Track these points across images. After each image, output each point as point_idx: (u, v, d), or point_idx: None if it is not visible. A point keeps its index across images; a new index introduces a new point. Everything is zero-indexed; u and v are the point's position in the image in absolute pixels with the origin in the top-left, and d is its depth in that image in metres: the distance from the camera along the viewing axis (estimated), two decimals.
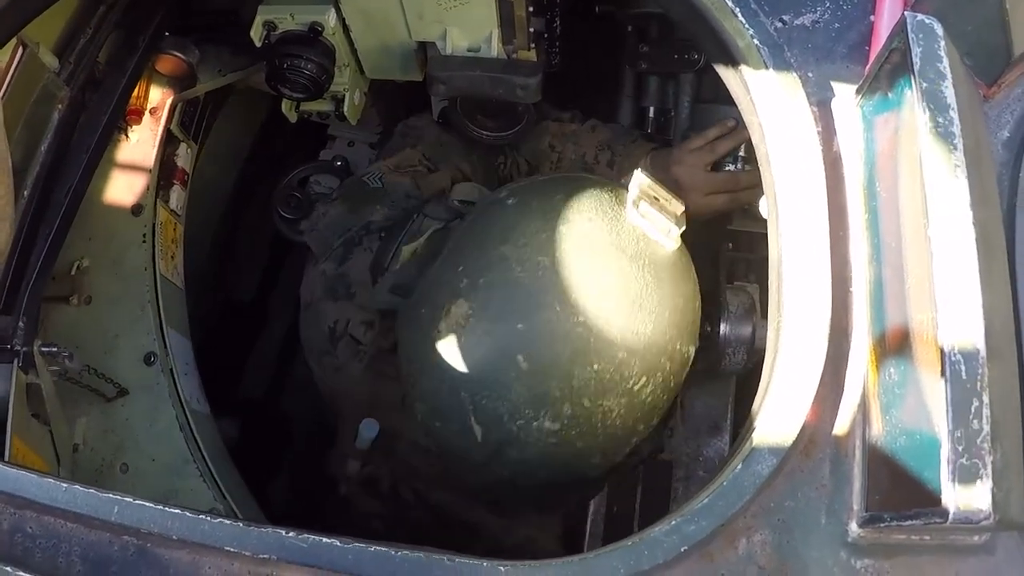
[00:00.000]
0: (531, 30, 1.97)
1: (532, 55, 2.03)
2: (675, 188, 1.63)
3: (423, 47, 2.06)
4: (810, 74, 1.43)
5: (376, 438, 1.81)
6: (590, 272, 1.44)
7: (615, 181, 1.71)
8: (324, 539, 1.17)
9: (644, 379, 1.45)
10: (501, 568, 1.12)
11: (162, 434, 2.15)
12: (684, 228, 1.50)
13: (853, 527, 1.20)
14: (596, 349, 1.41)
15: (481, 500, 1.83)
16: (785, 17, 1.48)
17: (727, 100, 1.68)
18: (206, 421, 2.27)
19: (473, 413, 1.49)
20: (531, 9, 1.93)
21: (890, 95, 1.28)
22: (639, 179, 1.49)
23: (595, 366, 1.42)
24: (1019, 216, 1.36)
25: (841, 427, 1.23)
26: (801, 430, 1.22)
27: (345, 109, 2.13)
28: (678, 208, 1.50)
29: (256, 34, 2.02)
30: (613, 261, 1.45)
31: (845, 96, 1.40)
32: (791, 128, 1.37)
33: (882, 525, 1.15)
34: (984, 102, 1.46)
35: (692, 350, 1.54)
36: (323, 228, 2.01)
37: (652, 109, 2.36)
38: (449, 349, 1.50)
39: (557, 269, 1.44)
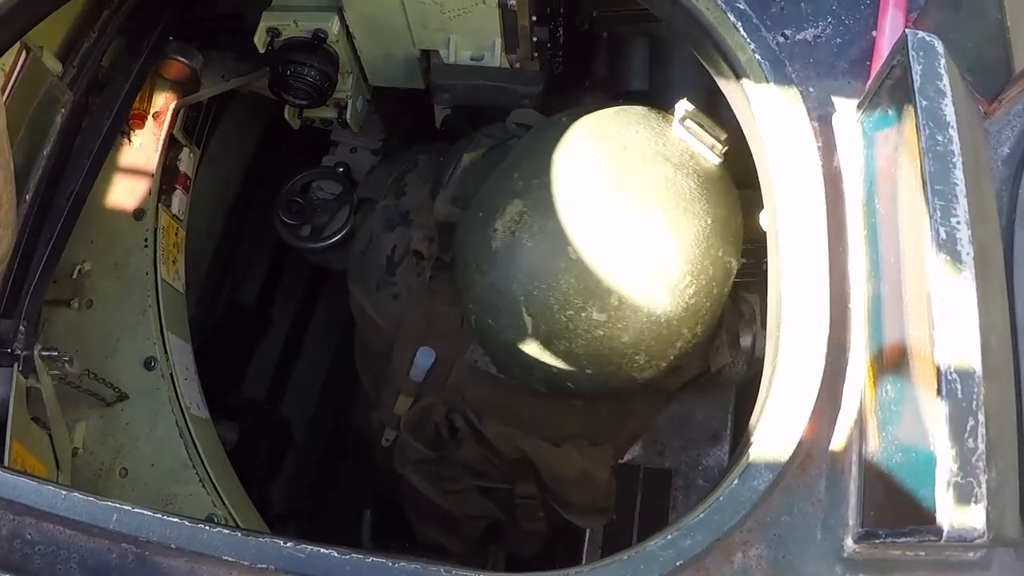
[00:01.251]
0: (534, 39, 1.98)
1: (535, 64, 2.04)
2: None
3: (426, 55, 2.07)
4: (811, 89, 1.43)
5: (432, 367, 1.89)
6: (638, 174, 1.55)
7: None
8: (322, 549, 1.18)
9: (689, 278, 1.54)
10: None
11: (162, 439, 2.16)
12: (727, 148, 1.60)
13: (849, 543, 1.21)
14: (641, 245, 1.52)
15: (532, 428, 1.89)
16: (787, 32, 1.49)
17: None
18: (206, 426, 2.28)
19: (525, 305, 1.59)
20: (534, 18, 1.94)
21: (890, 112, 1.29)
22: (684, 104, 1.60)
23: (640, 258, 1.52)
24: (1018, 232, 1.36)
25: (838, 443, 1.24)
26: (798, 445, 1.22)
27: (348, 116, 2.14)
28: (721, 134, 1.60)
29: (260, 40, 2.04)
30: (659, 166, 1.56)
31: (846, 112, 1.41)
32: (791, 143, 1.38)
33: (877, 541, 1.16)
34: (984, 118, 1.47)
35: (734, 263, 1.62)
36: (372, 180, 2.16)
37: None
38: (504, 245, 1.60)
39: (604, 173, 1.56)
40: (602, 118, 1.67)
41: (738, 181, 1.67)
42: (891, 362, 1.21)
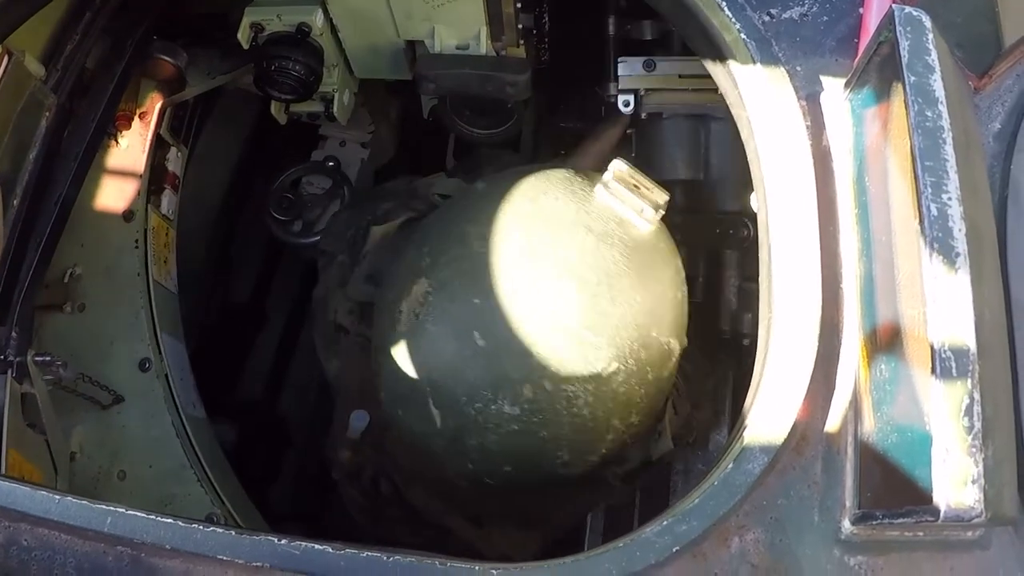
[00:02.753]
0: (520, 26, 1.97)
1: (521, 51, 2.03)
2: None
3: (412, 46, 2.05)
4: (798, 68, 1.42)
5: (367, 429, 1.81)
6: (552, 248, 1.40)
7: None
8: (316, 546, 1.17)
9: (615, 365, 1.39)
10: (493, 571, 1.13)
11: (159, 440, 2.16)
12: (662, 213, 1.46)
13: (846, 524, 1.20)
14: (557, 326, 1.37)
15: (456, 505, 1.80)
16: (773, 11, 1.47)
17: None
18: (202, 426, 2.27)
19: (431, 396, 1.46)
20: (519, 5, 1.92)
21: (879, 89, 1.27)
22: (616, 164, 1.47)
23: (556, 345, 1.38)
24: (1011, 208, 1.35)
25: (833, 424, 1.23)
26: (792, 428, 1.22)
27: (335, 109, 2.13)
28: (660, 196, 1.47)
29: (243, 36, 2.02)
30: (578, 238, 1.41)
31: (834, 90, 1.39)
32: (779, 123, 1.36)
33: (874, 523, 1.15)
34: (975, 94, 1.45)
35: (674, 344, 1.48)
36: (333, 229, 2.06)
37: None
38: (408, 329, 1.48)
39: (517, 244, 1.42)
40: (518, 184, 1.53)
41: None
42: (885, 341, 1.20)
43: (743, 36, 1.41)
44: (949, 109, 1.15)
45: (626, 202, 1.43)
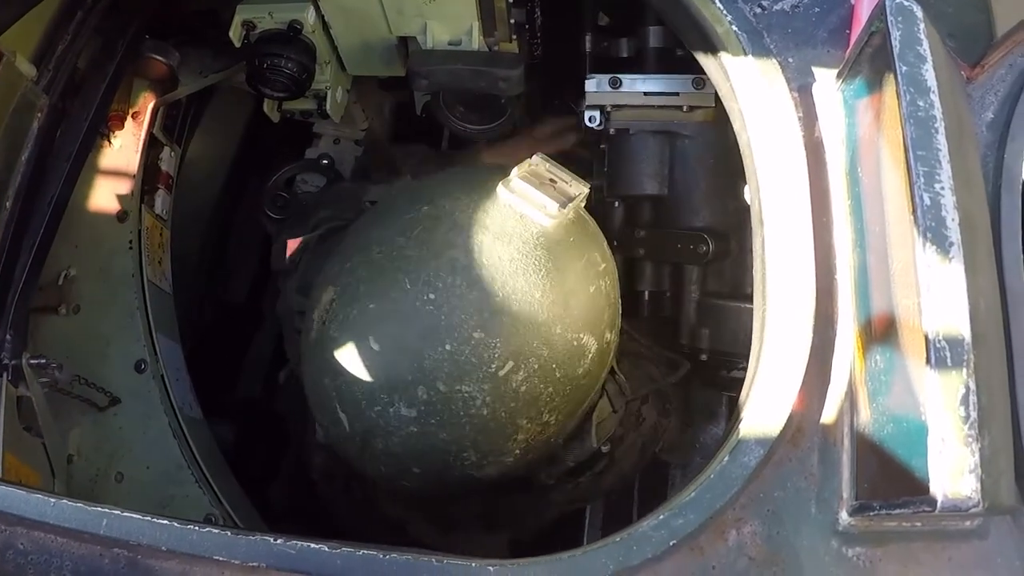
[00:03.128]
0: (512, 21, 1.96)
1: (514, 47, 2.02)
2: None
3: (404, 42, 2.05)
4: (790, 59, 1.42)
5: None
6: (444, 247, 1.40)
7: None
8: (312, 544, 1.17)
9: (511, 364, 1.37)
10: (490, 568, 1.12)
11: (156, 441, 2.16)
12: (572, 206, 1.43)
13: (843, 516, 1.20)
14: (447, 328, 1.37)
15: (417, 510, 1.82)
16: (764, 3, 1.47)
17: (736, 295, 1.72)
18: (199, 426, 2.27)
19: (338, 401, 1.48)
20: (511, 0, 1.92)
21: (871, 79, 1.27)
22: (532, 160, 1.47)
23: (447, 346, 1.36)
24: (1005, 198, 1.35)
25: (828, 415, 1.23)
26: (788, 420, 1.22)
27: (328, 107, 2.12)
28: (575, 190, 1.44)
29: (235, 34, 2.01)
30: (471, 237, 1.40)
31: (826, 81, 1.39)
32: (772, 114, 1.36)
33: (872, 514, 1.15)
34: (967, 83, 1.45)
35: (588, 339, 1.45)
36: (279, 242, 2.04)
37: (647, 292, 2.10)
38: (317, 337, 1.50)
39: (412, 247, 1.42)
40: (422, 187, 1.55)
41: None
42: (880, 332, 1.20)
43: (734, 28, 1.41)
44: (941, 99, 1.15)
45: (528, 198, 1.41)
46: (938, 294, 1.04)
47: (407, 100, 2.31)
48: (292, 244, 1.85)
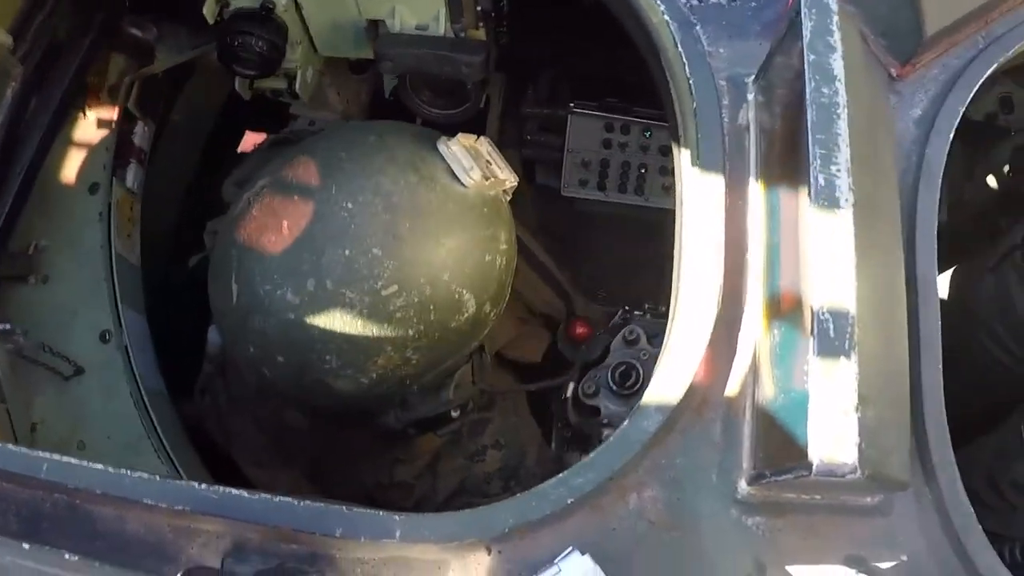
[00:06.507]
0: (479, 8, 2.08)
1: (481, 34, 2.13)
2: None
3: (374, 24, 2.16)
4: (721, 50, 1.54)
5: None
6: (376, 171, 1.64)
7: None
8: (233, 491, 1.29)
9: (395, 287, 1.59)
10: (396, 518, 1.24)
11: (118, 412, 2.28)
12: (492, 182, 1.69)
13: (743, 485, 1.31)
14: (353, 236, 1.59)
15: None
16: None
17: None
18: (161, 399, 2.39)
19: (235, 271, 1.68)
20: None
21: (786, 68, 1.38)
22: (480, 139, 1.73)
23: (347, 251, 1.58)
24: (922, 190, 1.45)
25: (733, 388, 1.34)
26: (694, 390, 1.32)
27: (298, 86, 2.24)
28: (505, 175, 1.72)
29: (209, 11, 2.13)
30: (402, 173, 1.64)
31: (752, 70, 1.50)
32: (698, 101, 1.47)
33: (764, 482, 1.26)
34: (897, 80, 1.56)
35: (469, 298, 1.67)
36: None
37: None
38: (239, 211, 1.72)
39: (348, 161, 1.67)
40: (375, 124, 1.89)
41: None
42: (782, 308, 1.31)
43: (666, 18, 1.53)
44: (849, 88, 1.26)
45: (460, 161, 1.66)
46: (825, 269, 1.15)
47: (380, 85, 2.42)
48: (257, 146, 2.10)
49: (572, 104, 2.49)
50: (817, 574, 1.31)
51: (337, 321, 1.59)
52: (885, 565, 1.33)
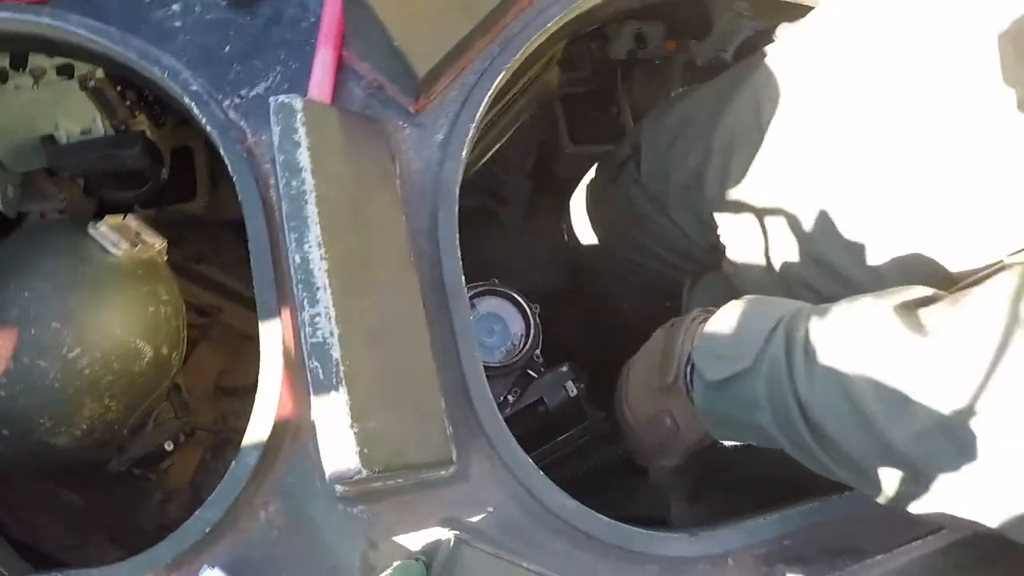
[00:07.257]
0: (127, 103, 2.37)
1: (141, 120, 2.44)
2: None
3: (49, 137, 2.44)
4: (263, 137, 1.84)
5: None
6: (41, 262, 1.98)
7: None
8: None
9: (78, 350, 1.92)
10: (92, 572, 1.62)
11: None
12: (140, 248, 2.08)
13: (338, 486, 1.70)
14: (34, 317, 1.93)
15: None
16: (242, 92, 1.87)
17: None
18: None
19: None
20: (119, 88, 2.33)
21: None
22: (127, 217, 2.11)
23: (32, 331, 1.91)
24: (441, 212, 1.79)
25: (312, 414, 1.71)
26: (285, 424, 1.70)
27: (1, 205, 2.52)
28: (151, 239, 2.12)
29: None
30: (64, 258, 2.00)
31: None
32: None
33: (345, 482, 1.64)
34: (416, 115, 1.89)
35: (144, 346, 2.01)
36: None
37: None
38: None
39: (16, 261, 2.00)
40: (42, 223, 2.46)
41: None
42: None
43: (208, 128, 1.80)
44: (322, 171, 1.60)
45: (107, 237, 2.03)
46: (310, 331, 1.51)
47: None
48: None
49: None
50: (420, 538, 1.64)
51: (39, 389, 1.91)
52: (476, 518, 1.66)
